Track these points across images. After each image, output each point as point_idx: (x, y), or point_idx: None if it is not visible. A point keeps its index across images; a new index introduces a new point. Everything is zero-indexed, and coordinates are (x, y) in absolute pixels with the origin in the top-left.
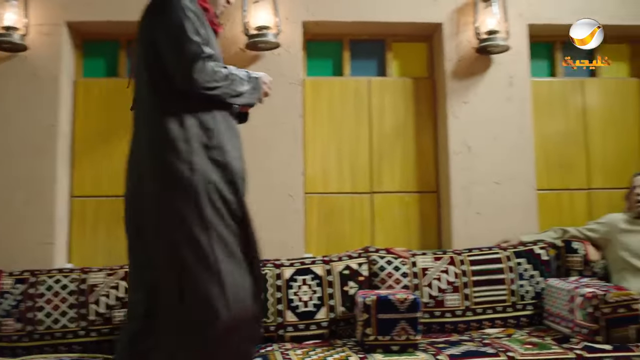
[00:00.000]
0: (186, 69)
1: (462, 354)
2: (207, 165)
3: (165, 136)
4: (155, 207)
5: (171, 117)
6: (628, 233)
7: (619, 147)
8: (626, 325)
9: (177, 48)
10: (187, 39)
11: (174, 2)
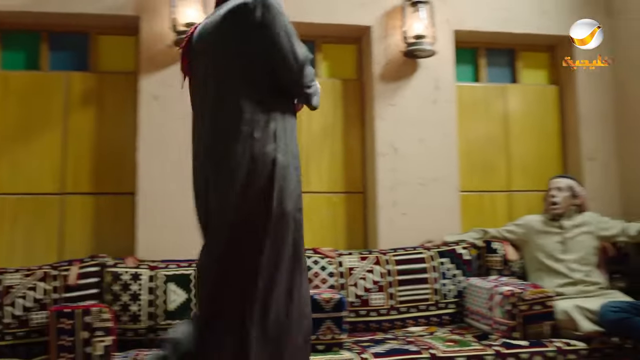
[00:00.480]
0: (300, 72)
1: (386, 352)
2: (289, 162)
3: (265, 132)
4: (259, 203)
5: (271, 114)
6: (544, 234)
7: (538, 151)
8: (541, 322)
9: (291, 52)
10: (297, 43)
11: (275, 6)
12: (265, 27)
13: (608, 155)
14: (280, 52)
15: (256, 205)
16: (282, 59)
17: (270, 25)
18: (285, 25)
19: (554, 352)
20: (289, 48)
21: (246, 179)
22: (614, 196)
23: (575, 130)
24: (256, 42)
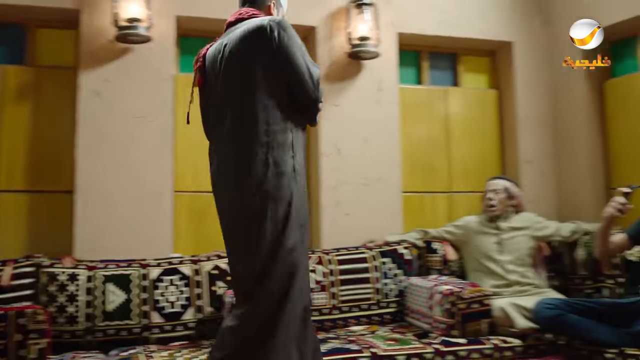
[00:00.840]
0: (315, 91)
1: (328, 351)
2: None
3: (284, 142)
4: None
5: (288, 127)
6: (481, 235)
7: (478, 153)
8: (479, 320)
9: (306, 70)
10: (311, 62)
11: (290, 28)
12: (283, 48)
13: (545, 159)
14: (298, 72)
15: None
16: (299, 78)
17: (287, 46)
18: (300, 45)
19: (490, 350)
20: (305, 68)
21: (268, 185)
22: (550, 198)
23: (513, 134)
24: (275, 61)
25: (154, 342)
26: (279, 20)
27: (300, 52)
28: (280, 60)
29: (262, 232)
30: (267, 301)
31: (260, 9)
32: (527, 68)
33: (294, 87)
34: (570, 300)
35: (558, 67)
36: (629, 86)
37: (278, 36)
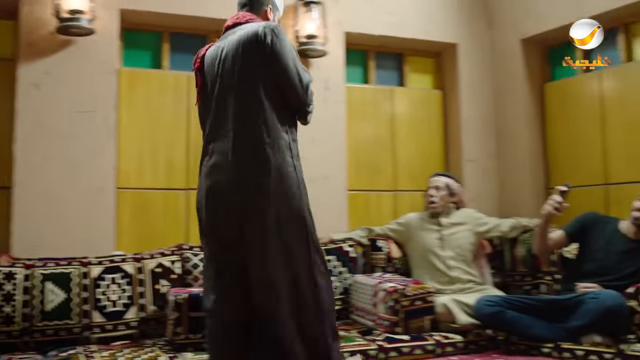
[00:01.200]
0: (305, 94)
1: None
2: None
3: (283, 142)
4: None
5: (284, 127)
6: (423, 231)
7: (422, 153)
8: (422, 317)
9: (297, 75)
10: (302, 70)
11: (282, 34)
12: (275, 54)
13: (487, 158)
14: (289, 77)
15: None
16: (290, 83)
17: (279, 52)
18: (291, 51)
19: (433, 345)
20: (295, 73)
21: (274, 183)
22: (492, 196)
23: (457, 134)
24: (269, 66)
25: (94, 342)
26: (273, 27)
27: (291, 58)
28: (273, 64)
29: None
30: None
31: (257, 14)
32: (471, 69)
33: (286, 90)
34: (509, 297)
35: (500, 69)
36: (566, 89)
37: (271, 42)
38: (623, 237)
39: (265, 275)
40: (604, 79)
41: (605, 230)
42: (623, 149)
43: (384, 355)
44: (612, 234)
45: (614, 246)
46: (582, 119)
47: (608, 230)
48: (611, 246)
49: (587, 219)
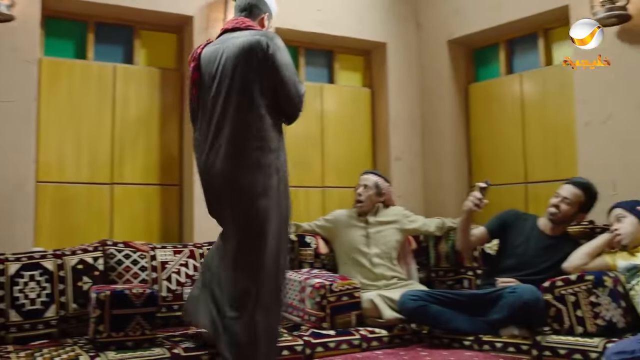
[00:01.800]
0: (299, 103)
1: (197, 347)
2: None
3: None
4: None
5: (274, 128)
6: (350, 228)
7: (351, 150)
8: (349, 312)
9: (293, 86)
10: (297, 81)
11: (281, 45)
12: (276, 63)
13: (413, 156)
14: (286, 86)
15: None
16: (286, 91)
17: (279, 62)
18: (289, 62)
19: (359, 340)
20: (292, 82)
21: (263, 178)
22: (418, 194)
23: (385, 132)
24: (266, 74)
25: (11, 342)
26: (272, 36)
27: (289, 68)
28: (272, 73)
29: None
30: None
31: (255, 20)
32: (400, 69)
33: (281, 98)
34: (432, 292)
35: (427, 69)
36: (490, 90)
37: (272, 52)
38: (541, 233)
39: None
40: (525, 82)
41: (524, 227)
42: (541, 149)
43: (310, 351)
44: (530, 230)
45: (532, 242)
46: (504, 119)
47: (527, 227)
48: (529, 242)
49: (507, 216)
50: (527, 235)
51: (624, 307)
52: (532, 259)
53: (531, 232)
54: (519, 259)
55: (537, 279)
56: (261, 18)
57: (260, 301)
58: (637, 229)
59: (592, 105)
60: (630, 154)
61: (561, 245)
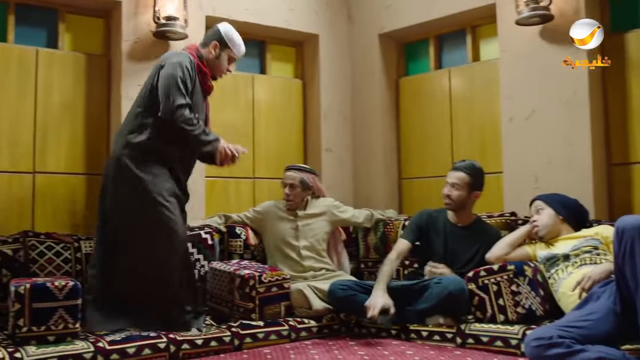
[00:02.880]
0: (169, 109)
1: (122, 339)
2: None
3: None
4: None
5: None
6: (280, 220)
7: (282, 141)
8: (278, 303)
9: (166, 93)
10: (176, 88)
11: (176, 60)
12: (161, 73)
13: (343, 148)
14: (161, 92)
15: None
16: (161, 97)
17: (163, 73)
18: (174, 77)
19: (288, 331)
20: (165, 93)
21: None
22: (348, 186)
23: (316, 124)
24: (155, 81)
25: None
26: (179, 56)
27: (170, 81)
28: (161, 79)
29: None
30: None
31: (204, 47)
32: (331, 61)
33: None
34: (361, 282)
35: (358, 62)
36: (420, 84)
37: (164, 65)
38: (453, 226)
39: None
40: (453, 77)
41: (438, 223)
42: (468, 143)
43: (238, 342)
44: (444, 226)
45: (448, 236)
46: (433, 113)
47: (440, 223)
48: (447, 237)
49: (419, 220)
50: (442, 230)
51: (543, 295)
52: (453, 253)
53: (445, 227)
54: (442, 256)
55: (464, 271)
56: (209, 46)
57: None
58: (555, 220)
59: (516, 101)
60: (552, 149)
61: (476, 234)
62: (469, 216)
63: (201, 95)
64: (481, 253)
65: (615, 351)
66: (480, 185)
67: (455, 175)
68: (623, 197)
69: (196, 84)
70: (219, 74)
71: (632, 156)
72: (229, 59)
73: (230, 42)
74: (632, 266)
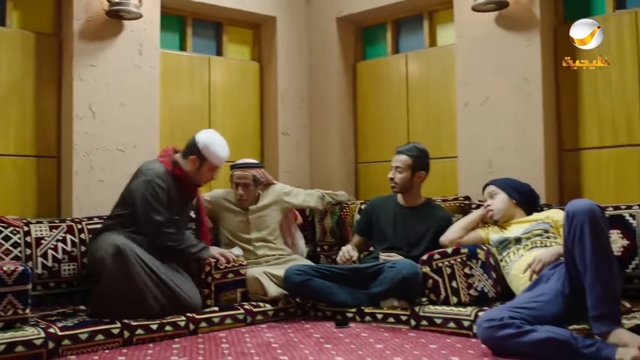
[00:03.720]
0: (154, 231)
1: (75, 325)
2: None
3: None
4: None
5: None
6: (229, 212)
7: (238, 124)
8: (234, 289)
9: (144, 215)
10: (151, 210)
11: (146, 178)
12: (137, 182)
13: (300, 132)
14: (140, 213)
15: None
16: (140, 212)
17: (137, 194)
18: (144, 195)
19: (243, 315)
20: (143, 214)
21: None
22: (305, 169)
23: (273, 107)
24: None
25: None
26: (150, 172)
27: (144, 202)
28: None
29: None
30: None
31: (184, 158)
32: (289, 44)
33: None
34: (316, 266)
35: (316, 45)
36: (378, 69)
37: (137, 182)
38: (402, 208)
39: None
40: (410, 62)
41: (388, 207)
42: (424, 127)
43: (194, 326)
44: (394, 209)
45: (398, 219)
46: (390, 97)
47: (390, 207)
48: (396, 220)
49: (369, 209)
50: (392, 214)
51: (495, 278)
52: (402, 234)
53: (395, 210)
54: (393, 238)
55: (416, 254)
56: (190, 159)
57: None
58: (508, 205)
59: (471, 87)
60: (505, 135)
61: (424, 215)
62: (417, 198)
63: (182, 200)
64: (430, 234)
65: (563, 331)
66: (424, 166)
67: (397, 159)
68: (573, 182)
69: (172, 193)
70: (202, 183)
71: (582, 142)
72: (211, 169)
73: (208, 155)
74: (581, 249)
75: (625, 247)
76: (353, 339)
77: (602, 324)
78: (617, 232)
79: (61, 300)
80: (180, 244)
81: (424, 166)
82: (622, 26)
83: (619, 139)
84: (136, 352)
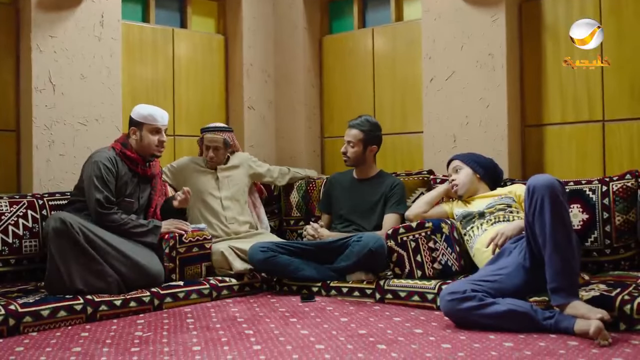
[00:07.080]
0: (93, 210)
1: (35, 302)
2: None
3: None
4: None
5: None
6: (199, 173)
7: (203, 98)
8: (199, 263)
9: (87, 193)
10: (93, 188)
11: (93, 160)
12: (85, 165)
13: (266, 106)
14: (85, 188)
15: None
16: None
17: (84, 174)
18: (91, 177)
19: (208, 289)
20: (88, 189)
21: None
22: (270, 144)
23: (238, 80)
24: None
25: None
26: (97, 156)
27: (88, 182)
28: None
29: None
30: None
31: (129, 137)
32: (254, 17)
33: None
34: (281, 243)
35: (282, 18)
36: (344, 43)
37: (85, 165)
38: (356, 180)
39: None
40: (376, 36)
41: (344, 182)
42: (390, 102)
43: (158, 302)
44: (350, 183)
45: (352, 191)
46: (356, 72)
47: (346, 182)
48: (351, 192)
49: (327, 187)
50: (347, 188)
51: (459, 251)
52: (356, 205)
53: (351, 184)
54: (348, 210)
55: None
56: (131, 131)
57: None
58: (473, 179)
59: (437, 62)
60: (469, 110)
61: (376, 185)
62: (370, 170)
63: (137, 182)
64: (382, 203)
65: (524, 303)
66: (375, 139)
67: (349, 133)
68: (535, 157)
69: (123, 175)
70: (154, 150)
71: (545, 118)
72: (151, 132)
73: (142, 119)
74: (541, 223)
75: (585, 221)
76: (318, 313)
77: (559, 296)
78: (577, 207)
79: (23, 277)
80: (121, 224)
81: (375, 139)
82: (586, 2)
83: (580, 115)
84: (100, 328)
